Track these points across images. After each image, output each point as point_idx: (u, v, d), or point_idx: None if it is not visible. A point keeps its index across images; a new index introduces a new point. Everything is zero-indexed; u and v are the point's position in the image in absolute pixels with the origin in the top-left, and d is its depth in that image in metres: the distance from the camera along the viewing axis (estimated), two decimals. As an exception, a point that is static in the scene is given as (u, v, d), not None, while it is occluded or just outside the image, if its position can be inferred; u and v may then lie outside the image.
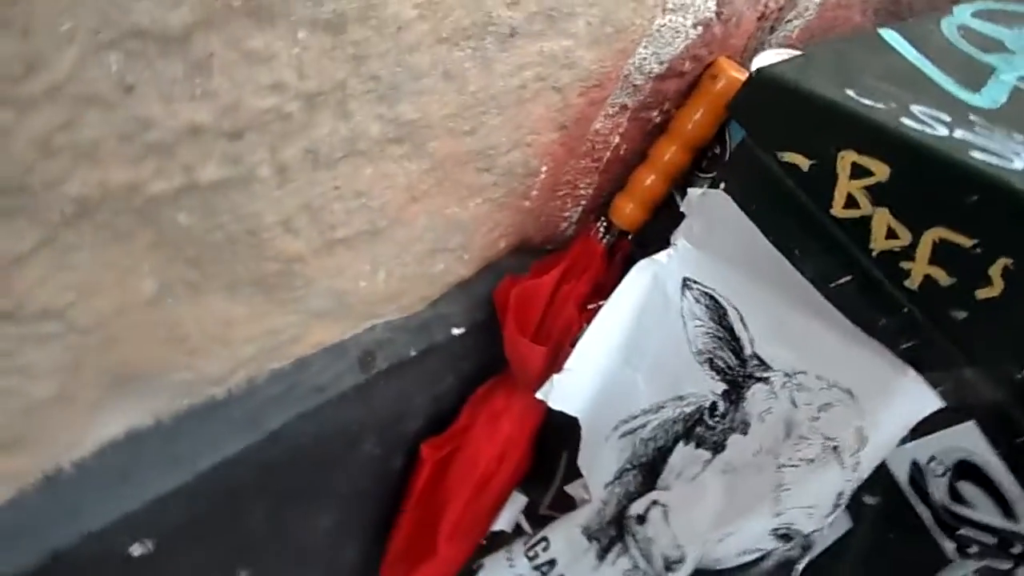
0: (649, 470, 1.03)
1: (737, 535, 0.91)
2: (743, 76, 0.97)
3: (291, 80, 0.63)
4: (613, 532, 1.05)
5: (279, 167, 0.70)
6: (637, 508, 1.02)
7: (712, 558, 0.95)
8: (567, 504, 1.22)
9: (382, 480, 1.32)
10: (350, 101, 0.69)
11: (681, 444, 0.99)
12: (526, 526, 1.41)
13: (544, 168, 1.02)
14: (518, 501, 1.40)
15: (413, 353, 1.08)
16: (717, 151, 1.03)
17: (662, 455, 1.01)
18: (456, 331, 1.12)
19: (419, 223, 0.93)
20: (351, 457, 1.18)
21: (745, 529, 0.91)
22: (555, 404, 1.07)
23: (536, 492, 1.37)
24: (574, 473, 1.23)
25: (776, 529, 0.89)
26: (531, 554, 1.17)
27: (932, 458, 0.81)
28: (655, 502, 1.00)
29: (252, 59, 0.59)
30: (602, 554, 1.07)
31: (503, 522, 1.42)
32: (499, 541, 1.43)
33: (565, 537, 1.12)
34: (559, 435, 1.25)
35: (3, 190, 0.54)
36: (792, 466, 0.87)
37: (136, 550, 0.97)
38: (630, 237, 1.12)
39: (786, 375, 0.88)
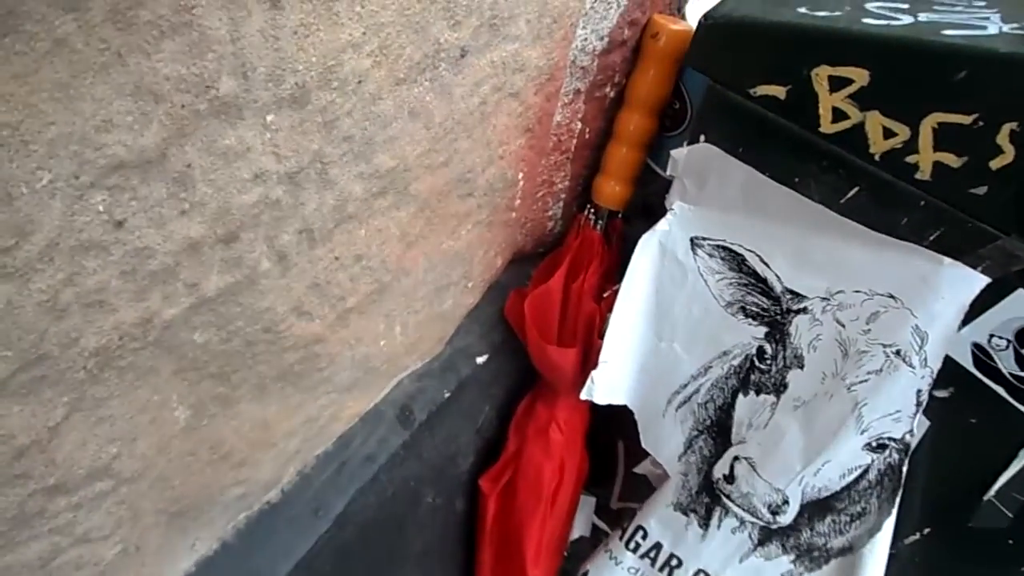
0: (718, 431, 1.01)
1: (832, 461, 0.91)
2: (684, 27, 0.96)
3: (270, 165, 0.61)
4: (707, 499, 1.04)
5: (279, 256, 0.68)
6: (721, 469, 1.01)
7: (816, 489, 0.94)
8: (638, 491, 1.20)
9: (451, 527, 1.29)
10: (330, 168, 0.67)
11: (741, 396, 0.98)
12: (603, 525, 1.39)
13: (520, 175, 1.00)
14: (588, 504, 1.38)
15: (447, 395, 1.06)
16: (676, 106, 1.02)
17: (725, 412, 1.00)
18: (480, 360, 1.10)
19: (420, 267, 0.91)
20: (416, 514, 1.15)
21: (838, 454, 0.90)
22: (601, 399, 1.05)
23: (602, 489, 1.35)
24: (636, 456, 1.22)
25: (868, 444, 0.88)
26: (632, 545, 1.15)
27: (991, 336, 0.80)
28: (736, 458, 0.99)
29: (229, 157, 0.57)
30: (704, 523, 1.05)
31: (579, 528, 1.40)
32: (580, 548, 1.41)
33: (659, 520, 1.11)
34: (610, 426, 1.24)
35: (23, 366, 0.51)
36: (862, 382, 0.86)
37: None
38: (620, 216, 1.11)
39: (823, 299, 0.87)
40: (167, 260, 0.57)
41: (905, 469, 0.89)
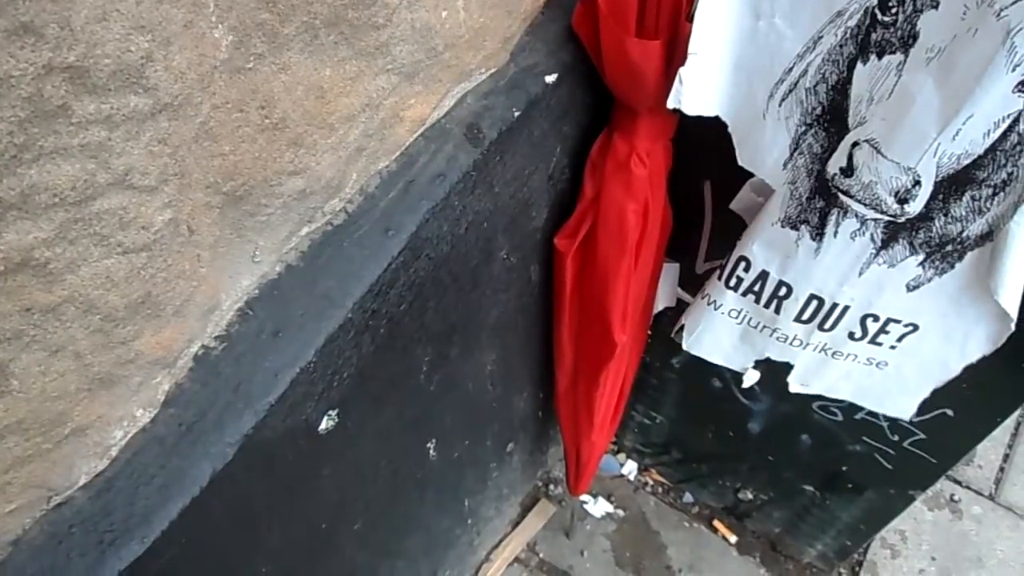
0: (831, 117, 0.88)
1: (975, 116, 0.77)
2: None
3: None
4: (821, 203, 0.91)
5: None
6: (837, 162, 0.88)
7: (953, 158, 0.81)
8: (728, 242, 1.07)
9: (528, 297, 1.19)
10: None
11: (859, 66, 0.84)
12: (687, 297, 1.28)
13: None
14: (671, 271, 1.26)
15: (516, 114, 0.93)
16: None
17: (840, 92, 0.86)
18: (548, 79, 0.97)
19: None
20: (490, 270, 1.04)
21: (982, 104, 0.76)
22: (690, 108, 0.92)
23: (686, 253, 1.23)
24: (726, 197, 1.09)
25: (1021, 82, 0.74)
26: (733, 282, 1.04)
27: None
28: (856, 144, 0.86)
29: None
30: (818, 233, 0.93)
31: (663, 299, 1.29)
32: (666, 323, 1.30)
33: (764, 243, 0.98)
34: (694, 166, 1.11)
35: None
36: (1016, 2, 0.72)
37: (324, 423, 0.85)
38: None
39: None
40: None
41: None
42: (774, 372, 1.23)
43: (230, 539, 0.80)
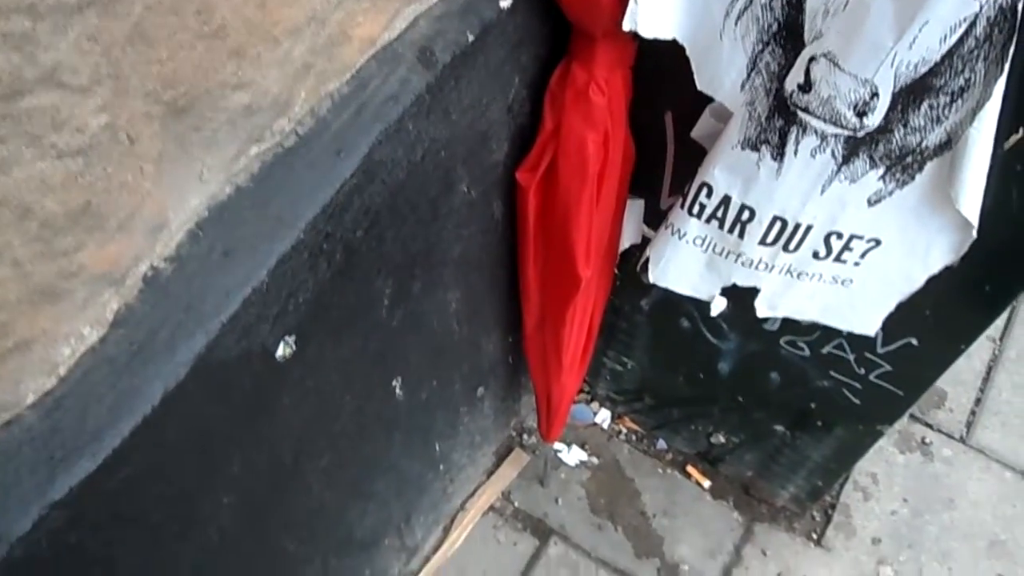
0: (787, 33, 0.88)
1: (931, 21, 0.77)
2: None
3: None
4: (780, 122, 0.91)
5: None
6: (795, 79, 0.88)
7: (910, 67, 0.81)
8: (691, 175, 1.07)
9: (492, 235, 1.18)
10: None
11: (815, -25, 0.84)
12: (651, 234, 1.28)
13: None
14: (636, 207, 1.26)
15: (471, 38, 0.92)
16: None
17: (795, 6, 0.86)
18: (503, 3, 0.96)
19: None
20: (451, 202, 1.03)
21: (938, 6, 0.76)
22: (646, 30, 0.91)
23: (650, 189, 1.23)
24: (687, 126, 1.09)
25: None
26: (696, 209, 1.03)
27: None
28: (812, 58, 0.85)
29: None
30: (778, 153, 0.93)
31: (628, 237, 1.29)
32: (634, 263, 1.30)
33: (725, 166, 0.98)
34: (655, 99, 1.10)
35: None
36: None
37: (281, 349, 0.84)
38: None
39: None
40: None
41: (1021, 6, 0.75)
42: (742, 307, 1.24)
43: (188, 464, 0.80)
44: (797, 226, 0.99)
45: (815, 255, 1.03)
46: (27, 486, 0.65)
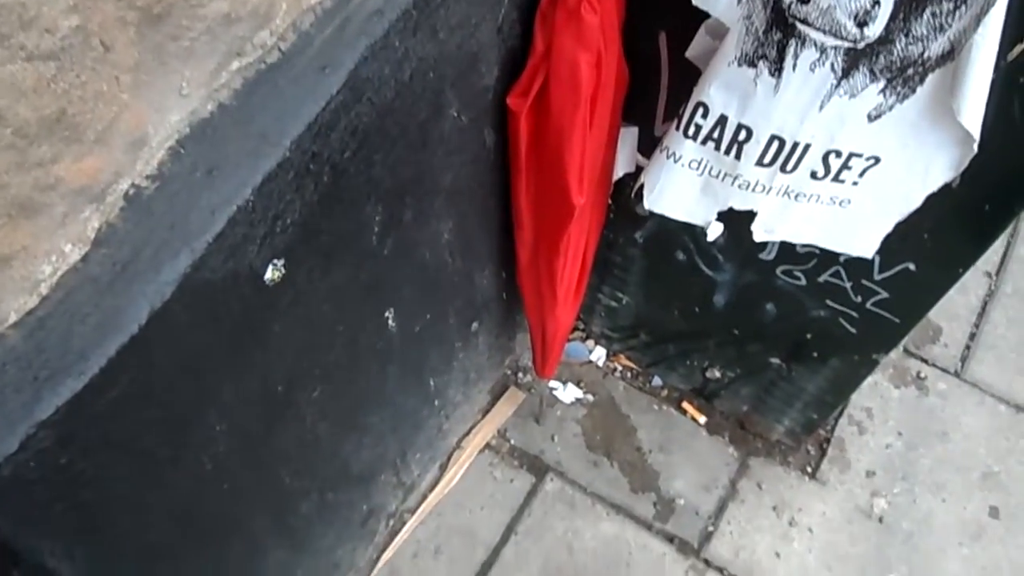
0: (784, -61, 0.84)
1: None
2: None
3: None
4: (778, 35, 0.88)
5: None
6: (791, -14, 0.85)
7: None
8: (687, 98, 1.04)
9: (483, 164, 1.16)
10: None
11: None
12: (645, 162, 1.26)
13: None
14: (629, 135, 1.23)
15: (459, -47, 0.89)
16: None
17: (793, -91, 0.83)
18: (493, -84, 0.92)
19: None
20: (440, 128, 1.01)
21: None
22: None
23: (644, 117, 1.21)
24: (682, 46, 1.06)
25: None
26: (691, 131, 1.01)
27: None
28: (810, -36, 0.82)
29: None
30: (776, 68, 0.90)
31: (622, 165, 1.27)
32: (628, 194, 1.28)
33: (721, 84, 0.95)
34: (648, 18, 1.07)
35: None
36: None
37: (269, 273, 0.83)
38: None
39: None
40: None
41: None
42: (738, 235, 1.22)
43: (178, 389, 0.79)
44: (795, 145, 0.97)
45: (813, 175, 1.01)
46: (13, 405, 0.63)
